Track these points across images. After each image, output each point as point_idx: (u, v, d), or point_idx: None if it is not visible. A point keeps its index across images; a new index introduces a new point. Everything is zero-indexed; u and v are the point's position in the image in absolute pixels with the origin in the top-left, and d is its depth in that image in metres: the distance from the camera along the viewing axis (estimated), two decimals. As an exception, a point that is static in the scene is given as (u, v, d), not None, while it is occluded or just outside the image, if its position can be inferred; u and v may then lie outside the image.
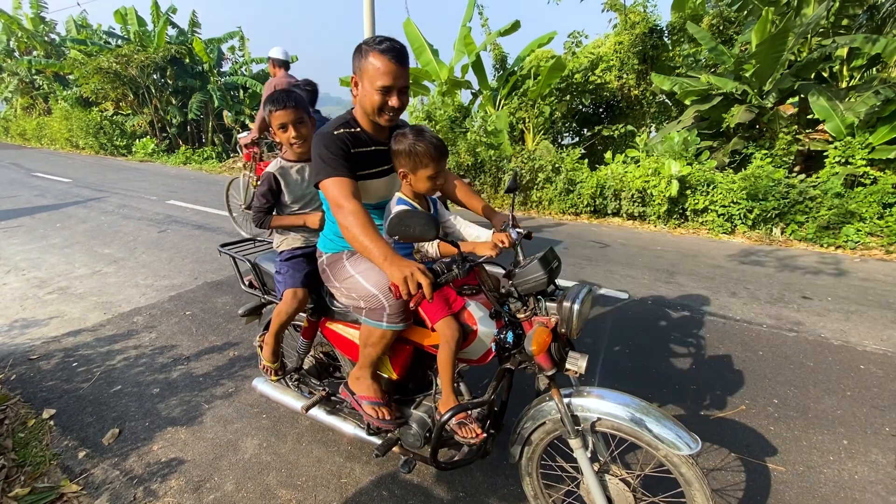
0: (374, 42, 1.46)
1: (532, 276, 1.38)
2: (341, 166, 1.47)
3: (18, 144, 18.19)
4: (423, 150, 1.51)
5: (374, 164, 1.61)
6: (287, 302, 1.86)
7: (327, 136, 1.50)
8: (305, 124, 1.89)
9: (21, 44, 18.65)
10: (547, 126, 9.61)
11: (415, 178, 1.56)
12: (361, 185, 1.58)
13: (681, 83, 8.34)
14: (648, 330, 3.32)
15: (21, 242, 5.38)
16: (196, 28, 17.33)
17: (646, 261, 4.86)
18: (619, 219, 6.69)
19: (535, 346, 1.32)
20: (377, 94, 1.47)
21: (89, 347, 3.07)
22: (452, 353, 1.52)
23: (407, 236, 1.22)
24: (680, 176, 5.99)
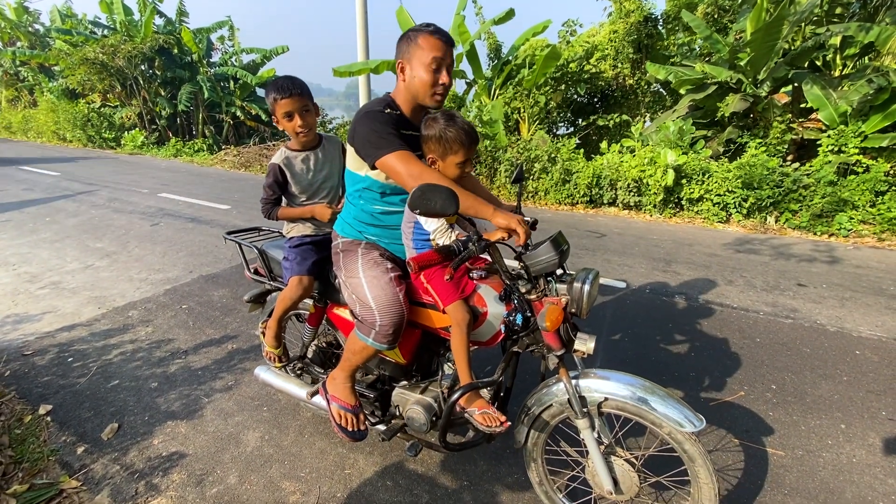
0: (421, 27, 1.51)
1: (545, 258, 1.38)
2: (398, 141, 1.46)
3: (4, 138, 17.82)
4: (454, 135, 1.47)
5: (413, 148, 1.56)
6: (292, 288, 1.84)
7: (377, 114, 1.49)
8: (311, 112, 1.85)
9: (4, 34, 18.21)
10: (542, 116, 9.57)
11: (443, 165, 1.53)
12: None
13: (675, 72, 8.32)
14: (647, 318, 3.33)
15: (10, 237, 5.28)
16: (184, 17, 16.96)
17: (642, 250, 4.88)
18: (616, 209, 6.70)
19: (549, 322, 1.32)
20: (428, 72, 1.48)
21: (84, 342, 3.03)
22: (465, 335, 1.53)
23: (428, 210, 1.21)
24: (675, 165, 6.00)
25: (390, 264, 1.66)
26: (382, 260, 1.66)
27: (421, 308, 1.66)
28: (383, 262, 1.65)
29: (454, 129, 1.48)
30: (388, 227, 1.70)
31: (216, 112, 15.57)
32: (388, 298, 1.56)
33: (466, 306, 1.54)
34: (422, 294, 1.65)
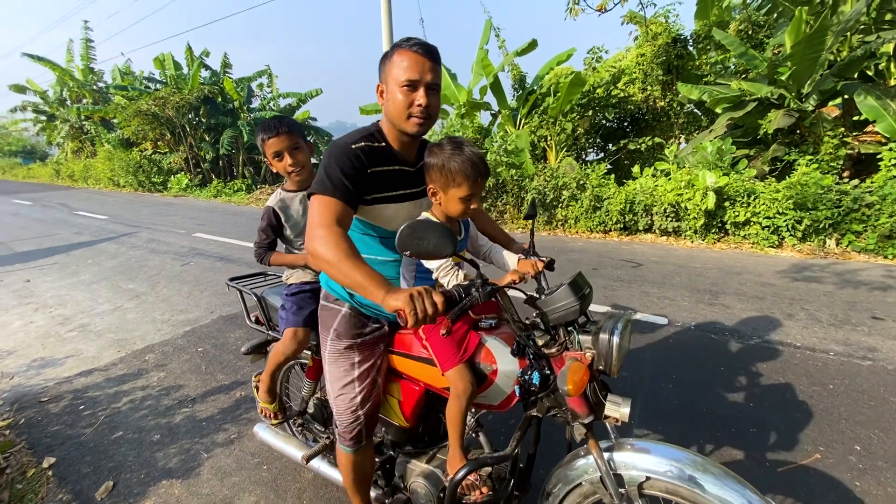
0: (401, 41, 1.32)
1: (562, 304, 1.15)
2: (341, 187, 1.26)
3: (67, 185, 19.37)
4: (459, 166, 1.28)
5: (395, 186, 1.39)
6: (285, 342, 1.68)
7: (341, 148, 1.31)
8: (302, 150, 1.74)
9: (73, 93, 20.12)
10: (570, 143, 9.37)
11: (445, 198, 1.34)
12: (376, 209, 1.39)
13: (710, 91, 7.98)
14: (694, 360, 2.95)
15: (53, 279, 5.50)
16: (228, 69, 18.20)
17: (685, 280, 4.47)
18: (652, 235, 6.30)
19: (571, 385, 1.07)
20: (401, 93, 1.29)
21: (98, 388, 2.98)
22: (463, 408, 1.29)
23: (420, 252, 1.00)
24: (716, 187, 5.60)
25: (358, 357, 1.46)
26: (349, 353, 1.46)
27: (421, 363, 1.45)
28: (349, 357, 1.46)
29: (459, 158, 1.29)
30: None
31: (255, 153, 16.34)
32: (344, 406, 1.42)
33: (470, 372, 1.32)
34: (421, 346, 1.44)
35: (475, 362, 1.34)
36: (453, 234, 0.99)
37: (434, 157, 1.33)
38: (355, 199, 1.30)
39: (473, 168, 1.28)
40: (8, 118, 21.61)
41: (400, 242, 0.96)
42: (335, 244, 1.14)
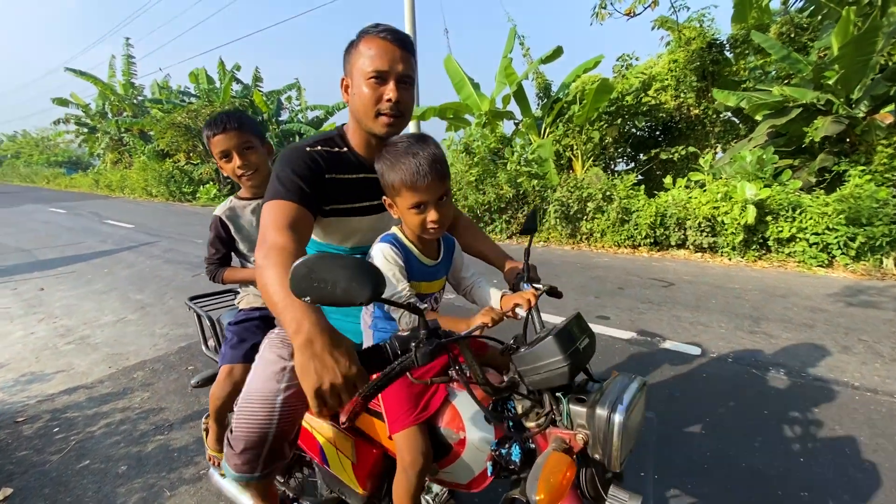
0: (368, 27, 1.11)
1: (545, 363, 0.85)
2: (295, 188, 1.05)
3: (105, 195, 20.19)
4: (396, 168, 1.03)
5: (358, 197, 1.18)
6: (219, 382, 1.44)
7: (295, 152, 1.11)
8: (255, 150, 1.51)
9: (114, 106, 21.09)
10: (597, 152, 8.97)
11: (400, 211, 1.10)
12: (335, 223, 1.18)
13: (749, 97, 7.46)
14: (732, 401, 2.54)
15: (67, 288, 5.52)
16: (259, 82, 18.68)
17: (721, 303, 4.02)
18: (685, 251, 5.83)
19: (544, 492, 0.76)
20: (368, 86, 1.08)
21: (78, 409, 2.82)
22: (412, 486, 1.00)
23: (322, 298, 0.70)
24: (757, 200, 5.11)
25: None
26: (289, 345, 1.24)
27: (375, 418, 1.16)
28: (286, 348, 1.23)
29: (397, 159, 1.04)
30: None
31: (280, 164, 16.60)
32: (253, 407, 1.13)
33: (424, 439, 1.03)
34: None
35: (436, 426, 1.04)
36: (374, 274, 0.70)
37: (377, 160, 1.09)
38: (314, 204, 1.08)
39: (417, 170, 1.01)
40: (52, 130, 22.95)
41: (294, 284, 0.68)
42: (278, 249, 0.92)
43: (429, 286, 1.18)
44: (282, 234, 0.96)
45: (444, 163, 1.07)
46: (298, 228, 1.01)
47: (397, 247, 1.10)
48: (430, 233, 1.09)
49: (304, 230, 1.03)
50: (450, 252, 1.27)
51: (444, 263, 1.23)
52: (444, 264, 1.23)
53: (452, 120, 10.13)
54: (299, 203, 1.03)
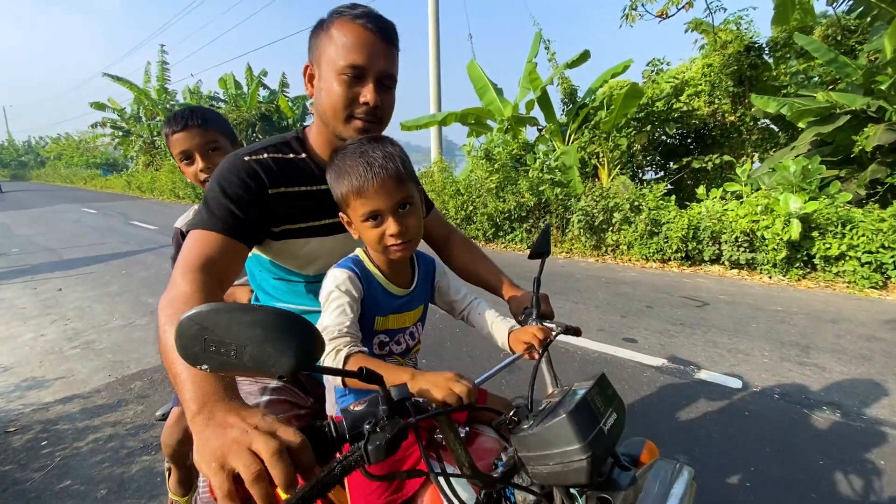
0: (342, 7, 0.90)
1: (556, 452, 0.61)
2: (223, 215, 0.86)
3: (136, 196, 20.80)
4: (349, 170, 0.84)
5: (318, 213, 0.98)
6: (169, 427, 1.25)
7: (230, 164, 0.90)
8: (222, 152, 1.33)
9: (147, 111, 21.77)
10: (624, 160, 8.59)
11: (357, 228, 0.90)
12: (292, 245, 0.97)
13: (791, 104, 6.99)
14: (779, 445, 2.22)
15: (84, 289, 5.53)
16: (285, 88, 18.96)
17: (763, 328, 3.65)
18: (720, 267, 5.43)
19: None
20: (340, 82, 0.88)
21: (70, 420, 2.70)
22: None
23: (223, 367, 0.47)
24: (803, 213, 4.69)
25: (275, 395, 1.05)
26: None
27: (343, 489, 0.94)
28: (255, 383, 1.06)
29: (342, 165, 0.85)
30: None
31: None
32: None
33: None
34: None
35: None
36: (303, 332, 0.47)
37: (327, 170, 0.90)
38: (249, 232, 0.88)
39: (362, 172, 0.82)
40: (90, 133, 23.93)
41: (182, 347, 0.46)
42: (182, 299, 0.72)
43: (400, 319, 0.97)
44: (190, 277, 0.76)
45: (403, 161, 0.86)
46: (216, 269, 0.80)
47: (357, 272, 0.90)
48: (394, 251, 0.87)
49: (224, 270, 0.83)
50: (428, 276, 1.05)
51: (420, 290, 1.01)
52: (420, 291, 1.01)
53: (474, 126, 9.92)
54: (224, 233, 0.84)
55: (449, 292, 1.08)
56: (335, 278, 0.88)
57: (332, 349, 0.79)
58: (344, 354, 0.77)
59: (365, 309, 0.89)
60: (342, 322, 0.82)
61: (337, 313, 0.83)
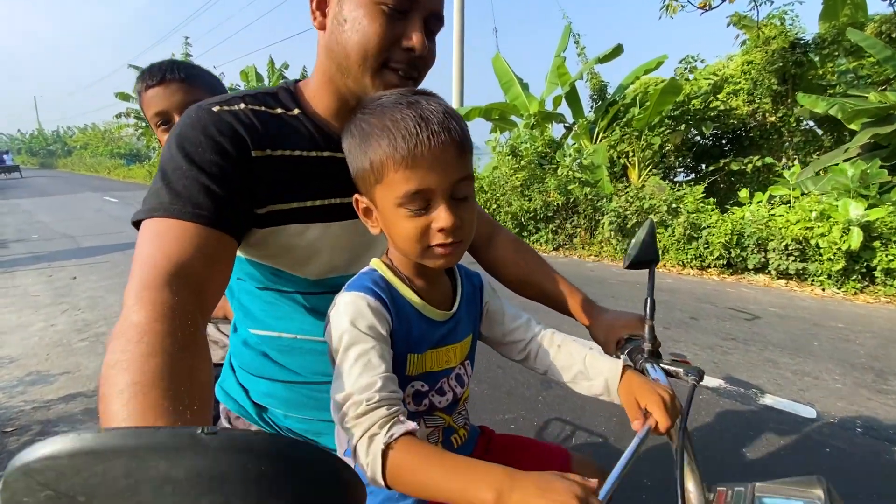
0: None
1: None
2: (197, 194, 0.58)
3: (157, 186, 20.97)
4: (389, 125, 0.57)
5: (319, 189, 0.69)
6: None
7: (196, 118, 0.62)
8: None
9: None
10: (656, 160, 8.19)
11: (384, 219, 0.62)
12: (281, 235, 0.67)
13: (842, 104, 6.53)
14: (873, 491, 1.88)
15: (97, 278, 5.42)
16: (305, 80, 18.87)
17: (827, 347, 3.29)
18: (765, 276, 5.04)
19: None
20: (376, 14, 0.61)
21: (69, 422, 2.51)
22: None
23: None
24: (864, 221, 4.29)
25: None
26: None
27: None
28: None
29: (378, 120, 0.58)
30: (297, 381, 0.76)
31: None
32: None
33: None
34: None
35: None
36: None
37: (344, 132, 0.64)
38: (234, 216, 0.60)
39: (413, 127, 0.55)
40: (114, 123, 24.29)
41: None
42: (136, 333, 0.45)
43: (442, 357, 0.68)
44: (148, 296, 0.48)
45: (465, 126, 0.59)
46: (192, 278, 0.52)
47: (380, 294, 0.62)
48: (439, 254, 0.60)
49: (205, 278, 0.54)
50: (475, 295, 0.76)
51: (466, 313, 0.72)
52: (466, 314, 0.72)
53: (498, 121, 9.61)
54: (198, 221, 0.56)
55: (504, 319, 0.78)
56: (348, 310, 0.59)
57: (363, 433, 0.52)
58: (382, 443, 0.50)
59: (393, 346, 0.62)
60: (371, 383, 0.54)
61: (359, 369, 0.55)
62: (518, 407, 2.50)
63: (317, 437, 0.78)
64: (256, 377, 0.78)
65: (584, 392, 0.72)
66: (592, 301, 0.90)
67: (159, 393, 0.40)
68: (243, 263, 0.73)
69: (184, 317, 0.47)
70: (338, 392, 0.55)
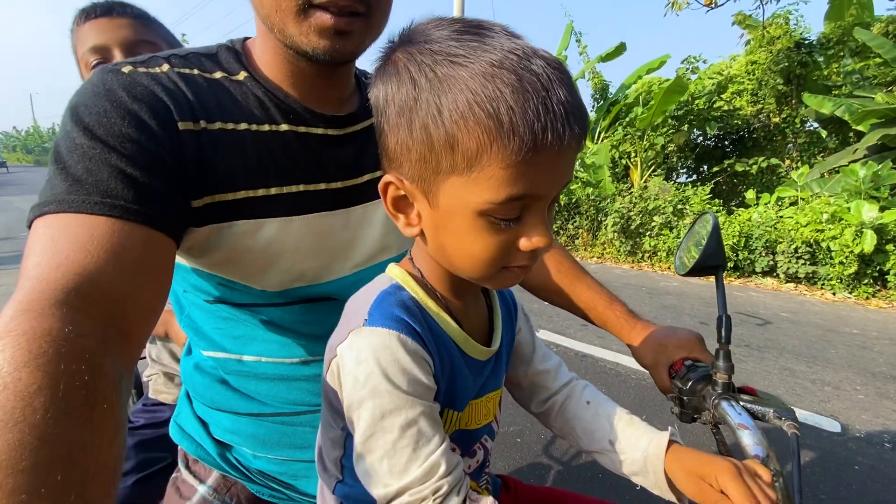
0: None
1: None
2: (108, 180, 0.40)
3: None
4: (482, 90, 0.35)
5: (281, 175, 0.52)
6: None
7: (100, 83, 0.44)
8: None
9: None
10: (659, 161, 8.07)
11: (437, 219, 0.42)
12: (230, 232, 0.50)
13: (849, 104, 6.42)
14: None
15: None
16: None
17: (845, 355, 3.15)
18: (774, 280, 4.91)
19: None
20: None
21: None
22: None
23: None
24: (878, 224, 4.16)
25: None
26: None
27: None
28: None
29: (491, 80, 0.35)
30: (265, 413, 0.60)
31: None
32: None
33: None
34: None
35: None
36: None
37: (387, 79, 0.41)
38: (163, 209, 0.43)
39: (534, 103, 0.35)
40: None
41: None
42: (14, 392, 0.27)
43: (482, 410, 0.53)
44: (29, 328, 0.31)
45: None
46: (103, 299, 0.36)
47: (415, 328, 0.43)
48: (514, 275, 0.44)
49: (125, 300, 0.38)
50: (510, 317, 0.58)
51: (506, 348, 0.56)
52: (506, 349, 0.56)
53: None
54: (115, 215, 0.39)
55: (532, 358, 0.61)
56: (379, 357, 0.41)
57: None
58: None
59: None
60: (432, 467, 0.40)
61: (410, 448, 0.40)
62: (524, 419, 2.35)
63: (293, 479, 0.63)
64: (216, 410, 0.63)
65: (613, 468, 0.56)
66: (634, 312, 0.75)
67: (9, 491, 0.24)
68: (186, 272, 0.56)
69: (77, 357, 0.31)
70: (378, 480, 0.40)
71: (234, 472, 0.63)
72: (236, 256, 0.51)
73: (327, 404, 0.46)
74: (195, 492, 0.63)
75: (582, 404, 0.59)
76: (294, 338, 0.58)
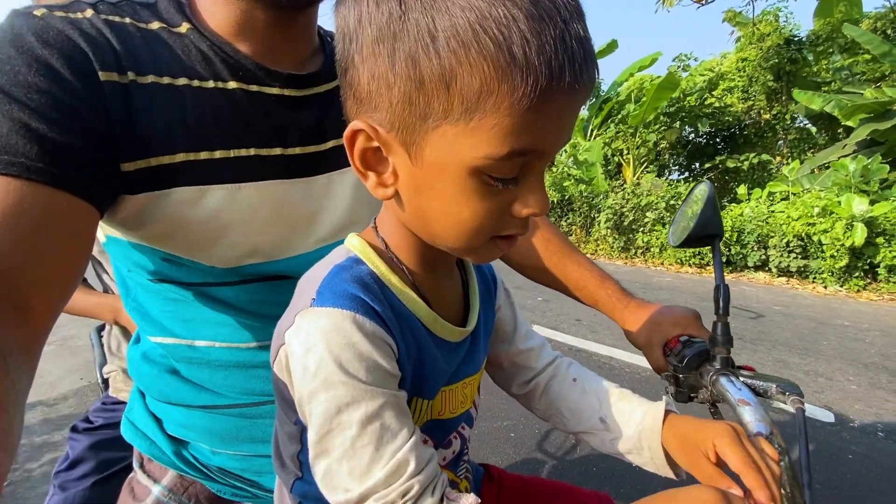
0: None
1: None
2: (6, 132, 0.34)
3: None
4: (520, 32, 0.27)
5: (226, 137, 0.45)
6: None
7: (8, 25, 0.38)
8: None
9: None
10: (651, 158, 8.10)
11: (418, 178, 0.35)
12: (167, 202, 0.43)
13: (838, 100, 6.47)
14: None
15: (72, 278, 5.15)
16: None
17: (836, 346, 3.16)
18: (766, 274, 4.93)
19: None
20: None
21: (27, 433, 2.27)
22: None
23: None
24: (868, 217, 4.19)
25: None
26: None
27: None
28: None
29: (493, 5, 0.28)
30: (221, 406, 0.55)
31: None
32: None
33: None
34: None
35: None
36: None
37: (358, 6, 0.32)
38: (78, 169, 0.36)
39: (549, 37, 0.28)
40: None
41: None
42: None
43: (457, 397, 0.47)
44: None
45: None
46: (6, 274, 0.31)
47: (374, 308, 0.37)
48: (500, 247, 0.38)
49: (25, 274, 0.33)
50: (489, 294, 0.52)
51: (483, 326, 0.50)
52: (483, 328, 0.50)
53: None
54: (14, 173, 0.34)
55: (514, 337, 0.56)
56: (330, 342, 0.35)
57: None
58: None
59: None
60: (400, 465, 0.35)
61: (372, 446, 0.35)
62: (517, 412, 2.32)
63: (257, 476, 0.58)
64: (167, 404, 0.57)
65: (604, 448, 0.52)
66: (627, 291, 0.72)
67: None
68: (126, 248, 0.50)
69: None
70: (338, 485, 0.35)
71: (192, 471, 0.58)
72: (177, 228, 0.45)
73: (279, 396, 0.41)
74: (149, 493, 0.58)
75: (568, 382, 0.55)
76: (251, 319, 0.52)
